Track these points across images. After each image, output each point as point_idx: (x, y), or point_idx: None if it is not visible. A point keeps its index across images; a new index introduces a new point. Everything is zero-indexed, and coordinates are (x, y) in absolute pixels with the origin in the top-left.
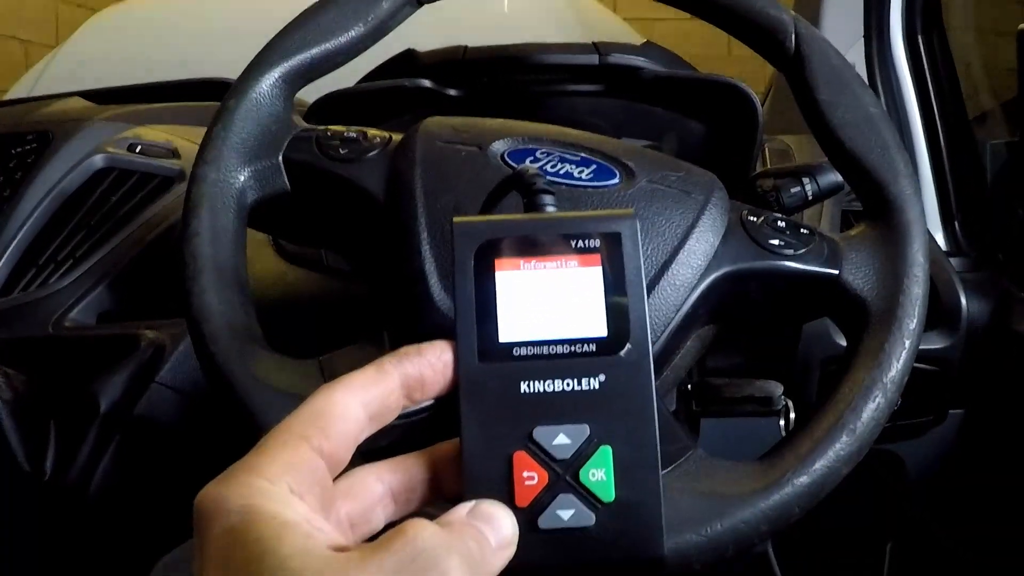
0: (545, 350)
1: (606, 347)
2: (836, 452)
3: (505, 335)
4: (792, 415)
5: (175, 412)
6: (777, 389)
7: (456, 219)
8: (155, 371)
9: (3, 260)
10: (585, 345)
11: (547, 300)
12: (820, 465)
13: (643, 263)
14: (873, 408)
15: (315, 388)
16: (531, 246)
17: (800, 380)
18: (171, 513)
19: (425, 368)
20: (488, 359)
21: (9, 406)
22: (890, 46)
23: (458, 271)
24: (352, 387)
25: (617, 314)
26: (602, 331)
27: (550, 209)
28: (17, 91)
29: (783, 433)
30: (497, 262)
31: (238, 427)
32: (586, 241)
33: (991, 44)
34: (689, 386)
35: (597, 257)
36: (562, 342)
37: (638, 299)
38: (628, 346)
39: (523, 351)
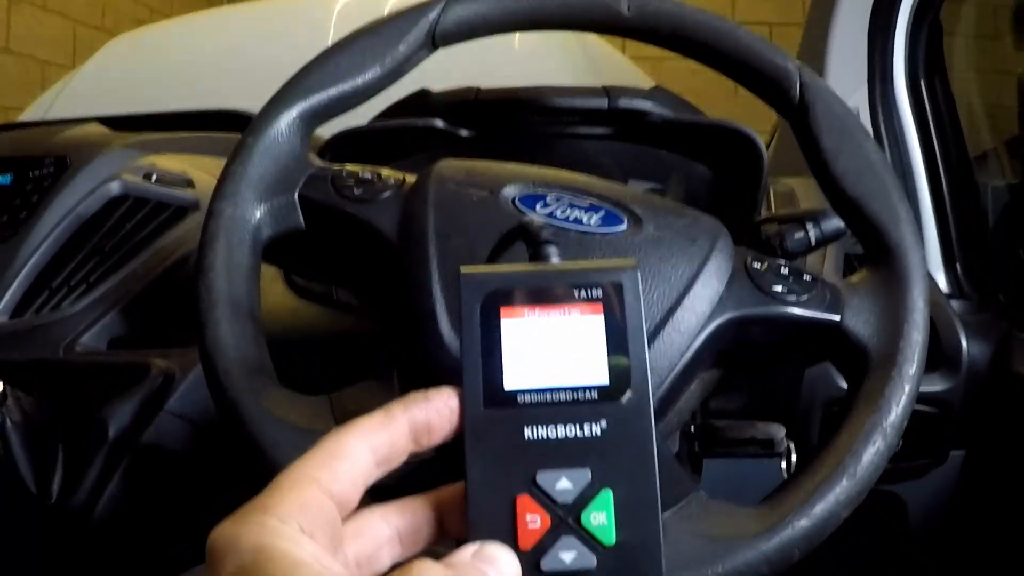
0: (548, 397)
1: (607, 394)
2: (836, 496)
3: (510, 382)
4: (794, 457)
5: (183, 441)
6: (779, 431)
7: (463, 269)
8: (164, 399)
9: (16, 282)
10: (587, 392)
11: (551, 348)
12: (820, 508)
13: (647, 310)
14: (873, 452)
15: (325, 424)
16: (535, 296)
17: (802, 422)
18: (175, 541)
19: (432, 414)
20: (493, 405)
21: (18, 428)
22: (893, 90)
23: (465, 320)
24: (361, 431)
25: (618, 362)
26: (604, 379)
27: (554, 259)
28: (34, 111)
29: (785, 475)
30: (503, 311)
31: (248, 460)
32: (589, 291)
33: (993, 84)
34: (692, 428)
35: (599, 306)
36: (565, 389)
37: (639, 347)
38: (629, 393)
39: (527, 398)
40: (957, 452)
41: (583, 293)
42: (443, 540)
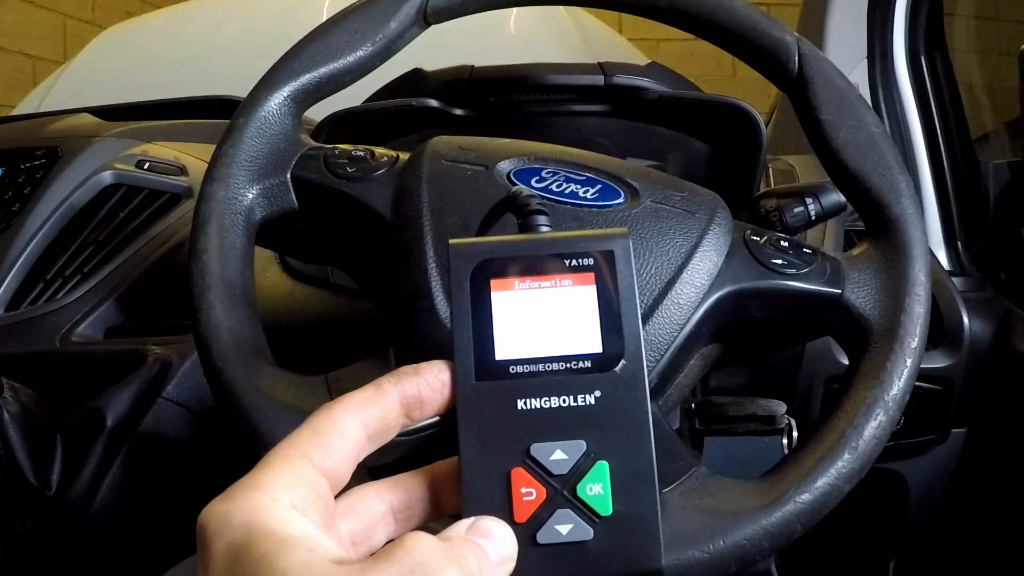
0: (541, 367)
1: (601, 363)
2: (838, 470)
3: (501, 353)
4: (795, 433)
5: (181, 428)
6: (780, 408)
7: (452, 241)
8: (161, 387)
9: (11, 274)
10: (580, 362)
11: (542, 318)
12: (822, 483)
13: (645, 283)
14: (875, 426)
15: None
16: (526, 266)
17: (803, 398)
18: (175, 528)
19: (423, 387)
20: (485, 377)
21: (16, 420)
22: (893, 67)
23: (454, 292)
24: (351, 406)
25: (611, 331)
26: (597, 348)
27: (544, 229)
28: (25, 106)
29: (786, 451)
30: (493, 282)
31: (244, 443)
32: (580, 260)
33: (994, 64)
34: (692, 404)
35: (591, 275)
36: (558, 359)
37: (632, 315)
38: (623, 362)
39: (519, 369)
40: (958, 430)
41: (574, 262)
42: (438, 516)
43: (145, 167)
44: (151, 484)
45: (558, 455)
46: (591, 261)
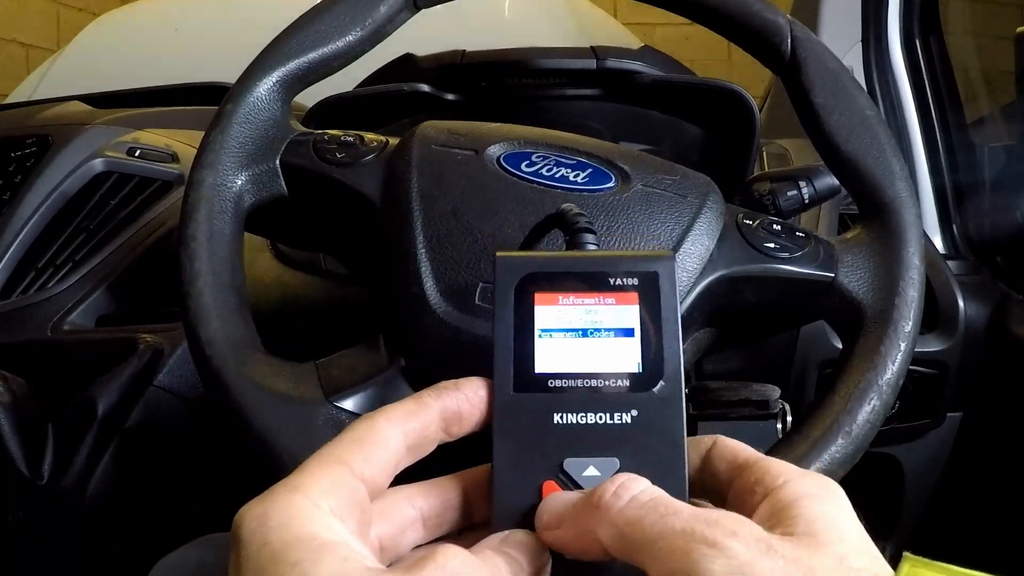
0: (579, 383)
1: (639, 383)
2: (831, 455)
3: (541, 366)
4: (789, 418)
5: (173, 416)
6: (774, 392)
7: (499, 253)
8: (153, 375)
9: (2, 263)
10: (619, 380)
11: (584, 335)
12: (815, 468)
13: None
14: (868, 411)
15: (311, 392)
16: (571, 282)
17: (797, 382)
18: (167, 517)
19: (463, 402)
20: (523, 389)
21: (7, 409)
22: (888, 50)
23: (498, 302)
24: (393, 417)
25: (652, 352)
26: (636, 368)
27: (591, 247)
28: (19, 95)
29: (780, 436)
30: (537, 296)
31: (233, 430)
32: (624, 280)
33: (989, 48)
34: (687, 389)
35: (634, 296)
36: (596, 376)
37: (673, 338)
38: (661, 383)
39: (557, 383)
40: (954, 414)
41: (619, 281)
42: (467, 524)
43: (136, 154)
44: (143, 472)
45: (591, 471)
46: (635, 281)
